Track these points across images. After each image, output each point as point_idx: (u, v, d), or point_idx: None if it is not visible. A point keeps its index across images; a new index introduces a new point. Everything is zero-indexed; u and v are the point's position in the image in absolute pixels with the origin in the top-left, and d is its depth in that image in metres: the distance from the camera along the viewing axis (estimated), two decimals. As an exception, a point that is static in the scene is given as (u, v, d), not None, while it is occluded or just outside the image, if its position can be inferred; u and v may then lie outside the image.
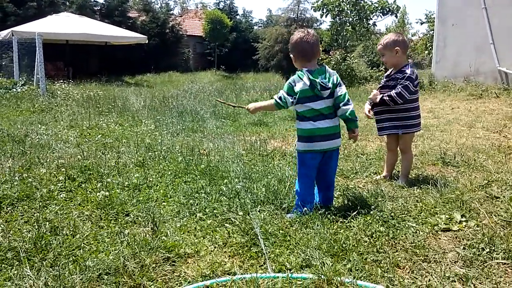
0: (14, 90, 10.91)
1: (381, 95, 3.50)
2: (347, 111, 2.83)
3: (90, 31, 16.66)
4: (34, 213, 2.89)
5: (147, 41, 19.12)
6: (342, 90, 2.85)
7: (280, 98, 2.86)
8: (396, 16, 17.87)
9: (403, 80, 3.45)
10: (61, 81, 13.05)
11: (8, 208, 3.01)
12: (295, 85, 2.84)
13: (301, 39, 2.87)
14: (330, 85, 2.80)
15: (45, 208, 3.01)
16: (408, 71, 3.47)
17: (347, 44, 16.95)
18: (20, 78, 12.27)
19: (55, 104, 8.91)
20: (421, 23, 24.30)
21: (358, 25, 16.78)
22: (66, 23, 16.57)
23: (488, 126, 6.15)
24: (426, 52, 17.67)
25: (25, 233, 2.57)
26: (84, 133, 5.93)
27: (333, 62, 13.68)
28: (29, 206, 3.04)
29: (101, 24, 18.97)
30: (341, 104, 2.83)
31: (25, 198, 3.17)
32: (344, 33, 16.56)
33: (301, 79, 2.82)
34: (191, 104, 8.86)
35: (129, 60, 22.24)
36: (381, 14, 16.81)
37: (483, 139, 5.32)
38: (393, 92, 3.42)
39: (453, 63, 11.53)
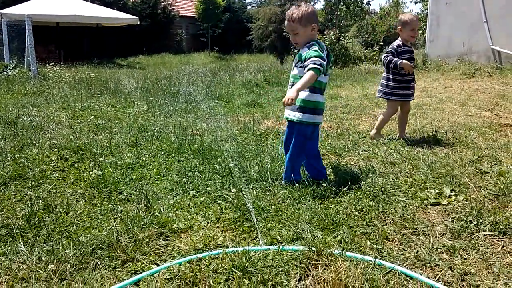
0: (5, 73, 10.77)
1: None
2: None
3: (81, 12, 16.44)
4: (27, 192, 2.90)
5: (138, 23, 18.89)
6: None
7: (321, 65, 2.70)
8: (390, -4, 17.73)
9: None
10: (53, 63, 12.91)
11: (1, 187, 3.01)
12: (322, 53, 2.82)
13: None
14: None
15: (38, 187, 3.02)
16: None
17: (341, 24, 16.83)
18: (11, 61, 12.11)
19: (47, 87, 8.82)
20: (415, 3, 24.20)
21: (352, 4, 16.64)
22: (56, 5, 16.31)
23: (480, 104, 6.18)
24: (420, 32, 17.57)
25: (18, 210, 2.58)
26: (76, 115, 5.90)
27: (328, 42, 13.59)
28: (22, 185, 3.04)
29: (92, 6, 18.69)
30: None
31: (18, 178, 3.17)
32: (338, 13, 16.43)
33: (324, 49, 2.86)
34: (184, 85, 8.82)
35: (121, 42, 22.02)
36: (375, -7, 16.66)
37: (475, 117, 5.36)
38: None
39: (446, 42, 11.50)
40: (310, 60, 2.73)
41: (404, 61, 4.09)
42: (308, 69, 2.68)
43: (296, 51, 2.92)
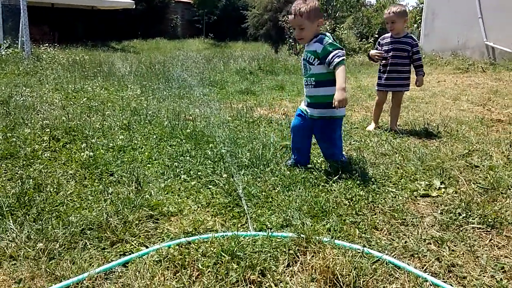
0: (-2, 52, 10.62)
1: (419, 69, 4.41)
2: None
3: (76, -6, 16.22)
4: (18, 170, 2.89)
5: (134, 6, 18.69)
6: None
7: (344, 55, 2.77)
8: (388, -12, 17.63)
9: (417, 48, 4.42)
10: (47, 44, 12.74)
11: (-9, 166, 2.99)
12: None
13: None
14: None
15: (29, 166, 3.00)
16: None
17: (337, 15, 16.70)
18: (4, 41, 11.92)
19: (40, 68, 8.72)
20: (412, -4, 24.13)
21: (349, -6, 16.54)
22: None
23: (472, 99, 6.22)
24: (415, 25, 17.56)
25: (9, 189, 2.57)
26: (69, 96, 5.85)
27: (323, 33, 13.51)
28: (12, 164, 3.02)
29: (87, -13, 18.44)
30: None
31: (9, 157, 3.15)
32: (334, 3, 16.31)
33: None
34: (178, 71, 8.77)
35: (116, 25, 21.73)
36: (373, -15, 16.56)
37: (467, 111, 5.39)
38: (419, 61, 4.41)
39: (441, 36, 11.52)
40: (334, 54, 2.74)
41: (371, 51, 4.36)
42: (337, 64, 2.72)
43: (292, 42, 2.89)
